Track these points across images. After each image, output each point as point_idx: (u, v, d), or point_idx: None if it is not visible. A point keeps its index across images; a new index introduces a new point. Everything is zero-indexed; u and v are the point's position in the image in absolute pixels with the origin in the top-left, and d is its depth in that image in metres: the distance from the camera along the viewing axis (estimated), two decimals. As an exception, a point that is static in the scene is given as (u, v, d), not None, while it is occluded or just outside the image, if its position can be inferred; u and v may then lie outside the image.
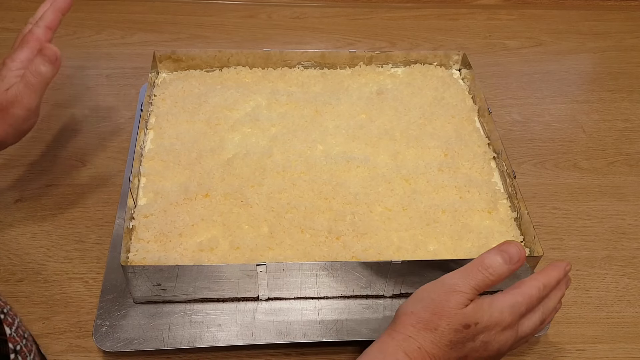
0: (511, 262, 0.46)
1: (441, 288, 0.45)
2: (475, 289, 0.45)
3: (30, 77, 0.56)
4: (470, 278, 0.45)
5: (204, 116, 0.71)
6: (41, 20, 0.59)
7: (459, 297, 0.44)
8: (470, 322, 0.44)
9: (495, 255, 0.46)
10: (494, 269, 0.45)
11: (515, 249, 0.46)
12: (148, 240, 0.58)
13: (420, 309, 0.45)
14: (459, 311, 0.44)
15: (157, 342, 0.54)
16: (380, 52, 0.80)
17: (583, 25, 1.02)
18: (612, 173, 0.77)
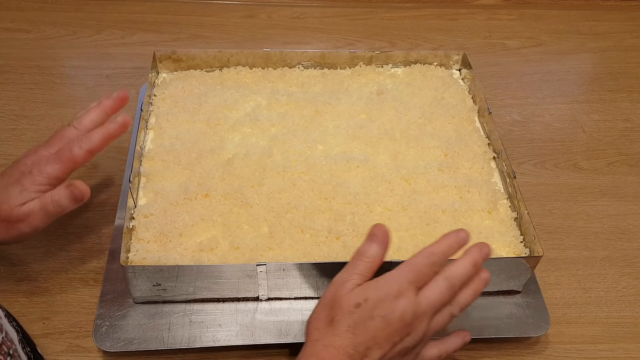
0: (378, 240, 0.47)
1: (331, 287, 0.47)
2: (360, 275, 0.46)
3: (49, 204, 0.52)
4: (352, 267, 0.47)
5: (204, 116, 0.71)
6: (87, 141, 0.54)
7: (347, 286, 0.46)
8: (360, 300, 0.45)
9: (365, 242, 0.48)
10: (368, 252, 0.47)
11: (377, 229, 0.48)
12: (148, 240, 0.58)
13: (318, 312, 0.46)
14: (346, 295, 0.45)
15: (157, 342, 0.54)
16: (380, 52, 0.80)
17: (583, 25, 1.02)
18: (612, 173, 0.77)
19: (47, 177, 0.53)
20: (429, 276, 0.47)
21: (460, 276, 0.47)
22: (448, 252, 0.48)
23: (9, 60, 0.88)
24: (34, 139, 0.75)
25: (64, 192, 0.53)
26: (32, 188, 0.52)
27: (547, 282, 0.64)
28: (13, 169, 0.54)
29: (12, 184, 0.53)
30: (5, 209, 0.52)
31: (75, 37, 0.94)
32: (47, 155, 0.54)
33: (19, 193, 0.52)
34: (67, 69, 0.87)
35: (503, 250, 0.60)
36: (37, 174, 0.53)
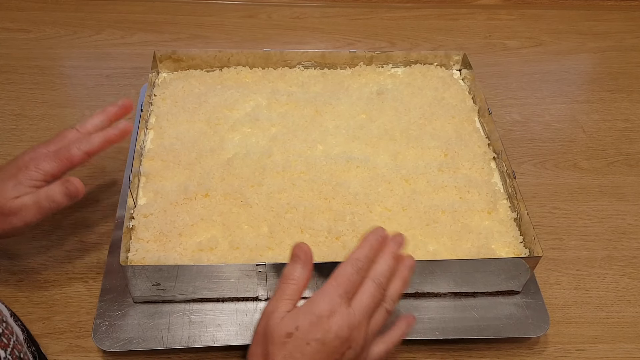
0: (301, 260, 0.46)
1: (262, 319, 0.45)
2: (288, 300, 0.45)
3: (42, 199, 0.52)
4: (278, 294, 0.45)
5: (204, 116, 0.71)
6: (86, 142, 0.55)
7: (275, 315, 0.44)
8: (291, 329, 0.43)
9: (289, 264, 0.47)
10: (293, 274, 0.46)
11: (298, 249, 0.47)
12: (148, 240, 0.58)
13: (254, 347, 0.45)
14: (276, 327, 0.43)
15: (156, 341, 0.54)
16: (380, 52, 0.80)
17: (583, 25, 1.02)
18: (612, 173, 0.77)
19: (42, 173, 0.53)
20: (357, 283, 0.46)
21: (385, 273, 0.47)
22: (371, 254, 0.48)
23: (9, 60, 0.88)
24: (34, 139, 0.75)
25: (58, 188, 0.53)
26: (26, 182, 0.53)
27: (547, 282, 0.64)
28: (11, 164, 0.55)
29: (8, 178, 0.53)
30: (0, 201, 0.52)
31: (75, 37, 0.94)
32: (46, 153, 0.55)
33: (14, 187, 0.52)
34: (67, 69, 0.87)
35: (503, 251, 0.60)
36: (33, 169, 0.53)
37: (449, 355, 0.57)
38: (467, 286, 0.59)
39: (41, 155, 0.54)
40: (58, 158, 0.54)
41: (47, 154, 0.54)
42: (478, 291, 0.59)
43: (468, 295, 0.59)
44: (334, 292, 0.45)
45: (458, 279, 0.58)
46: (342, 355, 0.44)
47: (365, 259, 0.47)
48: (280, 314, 0.44)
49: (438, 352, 0.57)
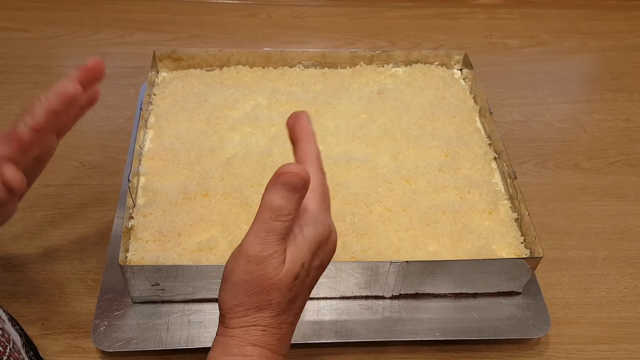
0: (296, 190, 0.38)
1: (249, 264, 0.39)
2: (280, 239, 0.38)
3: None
4: (268, 234, 0.38)
5: (204, 115, 0.71)
6: (29, 116, 0.46)
7: (272, 262, 0.38)
8: (297, 271, 0.38)
9: (278, 193, 0.38)
10: (286, 208, 0.38)
11: (295, 178, 0.38)
12: (147, 240, 0.58)
13: (242, 296, 0.39)
14: (280, 274, 0.38)
15: (155, 342, 0.54)
16: (381, 51, 0.80)
17: (584, 24, 1.02)
18: (613, 173, 0.76)
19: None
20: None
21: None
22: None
23: (7, 60, 0.87)
24: (33, 139, 0.75)
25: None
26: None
27: (548, 282, 0.63)
28: None
29: None
30: None
31: (75, 36, 0.93)
32: (15, 122, 0.46)
33: None
34: (67, 68, 0.87)
35: (503, 251, 0.60)
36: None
37: (449, 356, 0.57)
38: (467, 287, 0.58)
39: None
40: (7, 139, 0.46)
41: (13, 124, 0.46)
42: (479, 292, 0.59)
43: (468, 295, 0.59)
44: (325, 209, 0.41)
45: (458, 279, 0.57)
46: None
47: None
48: (277, 260, 0.38)
49: (438, 353, 0.57)
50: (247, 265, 0.39)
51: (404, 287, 0.58)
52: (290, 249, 0.39)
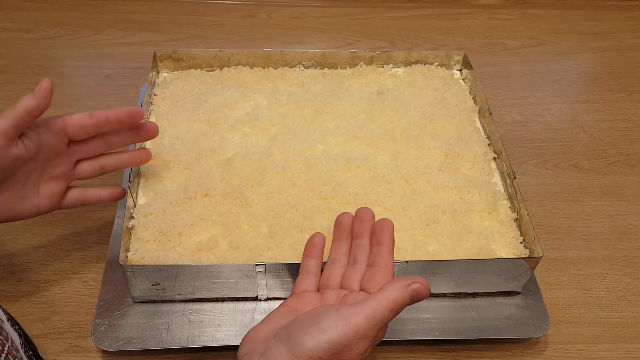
0: (415, 301, 0.42)
1: (345, 328, 0.40)
2: (378, 328, 0.41)
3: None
4: (375, 318, 0.41)
5: (204, 116, 0.71)
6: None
7: (364, 344, 0.40)
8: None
9: (404, 294, 0.42)
10: (400, 307, 0.42)
11: (424, 291, 0.42)
12: (147, 240, 0.58)
13: (324, 352, 0.40)
14: (362, 357, 0.41)
15: (155, 341, 0.54)
16: (381, 52, 0.80)
17: (583, 25, 1.02)
18: (612, 173, 0.76)
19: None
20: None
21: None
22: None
23: (8, 60, 0.88)
24: (33, 139, 0.75)
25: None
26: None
27: (548, 282, 0.63)
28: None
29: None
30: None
31: (75, 37, 0.94)
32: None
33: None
34: (67, 69, 0.87)
35: (503, 251, 0.60)
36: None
37: (449, 356, 0.57)
38: (467, 286, 0.59)
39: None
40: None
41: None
42: (478, 291, 0.59)
43: (468, 295, 0.59)
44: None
45: (458, 279, 0.58)
46: None
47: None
48: (367, 343, 0.41)
49: (438, 353, 0.57)
50: (342, 326, 0.40)
51: (403, 287, 0.58)
52: (373, 343, 0.42)
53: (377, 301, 0.41)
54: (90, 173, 0.57)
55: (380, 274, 0.48)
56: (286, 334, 0.41)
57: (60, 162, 0.54)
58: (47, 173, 0.53)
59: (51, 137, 0.52)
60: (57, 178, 0.54)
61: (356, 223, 0.53)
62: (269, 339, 0.42)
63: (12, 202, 0.51)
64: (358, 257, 0.51)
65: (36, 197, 0.53)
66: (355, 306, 0.41)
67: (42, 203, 0.53)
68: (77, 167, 0.56)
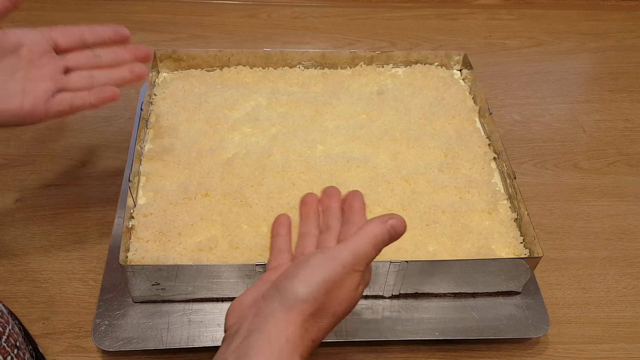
0: (394, 238, 0.44)
1: (333, 264, 0.41)
2: (364, 263, 0.43)
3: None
4: (360, 252, 0.42)
5: (204, 116, 0.71)
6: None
7: (354, 278, 0.42)
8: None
9: (383, 229, 0.43)
10: (381, 243, 0.43)
11: (401, 226, 0.44)
12: (147, 240, 0.58)
13: (317, 292, 0.40)
14: (354, 293, 0.42)
15: (155, 341, 0.54)
16: (381, 52, 0.80)
17: (583, 25, 1.02)
18: (612, 173, 0.76)
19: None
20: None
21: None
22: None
23: (9, 60, 0.87)
24: (33, 139, 0.75)
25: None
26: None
27: (548, 282, 0.63)
28: None
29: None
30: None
31: (76, 36, 0.93)
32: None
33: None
34: (67, 68, 0.87)
35: (503, 251, 0.60)
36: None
37: (449, 356, 0.57)
38: (467, 287, 0.59)
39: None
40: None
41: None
42: (478, 291, 0.59)
43: (468, 295, 0.59)
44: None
45: (458, 279, 0.58)
46: None
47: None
48: (358, 278, 0.43)
49: (438, 353, 0.57)
50: (332, 264, 0.41)
51: (403, 287, 0.58)
52: (364, 278, 0.44)
53: (359, 237, 0.43)
54: (80, 82, 0.54)
55: (356, 228, 0.45)
56: (275, 289, 0.41)
57: (47, 62, 0.53)
58: (33, 72, 0.52)
59: (36, 35, 0.52)
60: (44, 78, 0.52)
61: (324, 197, 0.51)
62: (256, 302, 0.42)
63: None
64: (330, 224, 0.48)
65: (20, 94, 0.51)
66: (338, 245, 0.43)
67: (26, 101, 0.51)
68: (67, 75, 0.54)
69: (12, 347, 0.42)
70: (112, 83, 0.55)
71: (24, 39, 0.52)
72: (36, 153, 0.74)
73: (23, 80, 0.51)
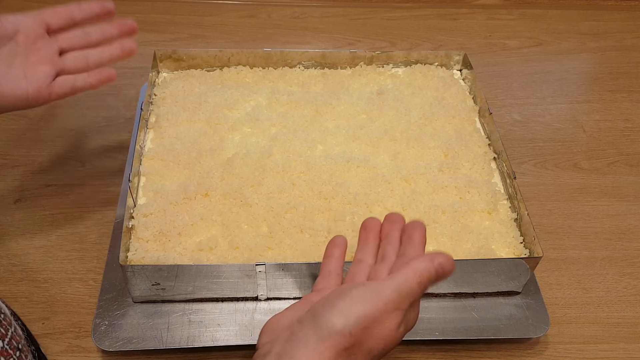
0: (442, 277, 0.42)
1: (375, 299, 0.39)
2: (408, 302, 0.41)
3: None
4: (404, 290, 0.40)
5: (204, 115, 0.71)
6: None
7: (395, 317, 0.40)
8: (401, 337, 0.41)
9: (430, 267, 0.41)
10: (427, 281, 0.41)
11: (449, 265, 0.42)
12: (147, 240, 0.58)
13: (354, 326, 0.38)
14: (394, 333, 0.40)
15: (155, 341, 0.54)
16: (381, 52, 0.80)
17: (583, 25, 1.02)
18: (612, 173, 0.76)
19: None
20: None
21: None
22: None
23: (9, 60, 0.87)
24: (33, 139, 0.75)
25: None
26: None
27: (548, 282, 0.63)
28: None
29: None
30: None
31: (76, 36, 0.93)
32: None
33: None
34: (67, 68, 0.87)
35: (503, 251, 0.60)
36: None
37: (449, 356, 0.57)
38: (467, 286, 0.59)
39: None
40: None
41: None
42: (478, 291, 0.59)
43: (468, 295, 0.59)
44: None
45: (458, 279, 0.58)
46: None
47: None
48: (400, 317, 0.41)
49: (438, 353, 0.57)
50: (375, 300, 0.39)
51: (403, 287, 0.58)
52: (406, 320, 0.41)
53: (404, 274, 0.41)
54: (76, 63, 0.56)
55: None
56: (312, 316, 0.39)
57: (43, 46, 0.54)
58: (31, 57, 0.53)
59: (29, 20, 0.53)
60: (42, 62, 0.54)
61: (385, 224, 0.50)
62: (292, 324, 0.41)
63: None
64: (387, 254, 0.47)
65: (23, 80, 0.53)
66: (383, 280, 0.41)
67: (30, 86, 0.53)
68: (62, 57, 0.56)
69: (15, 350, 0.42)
70: (106, 61, 0.57)
71: (19, 25, 0.53)
72: (36, 153, 0.74)
73: (23, 66, 0.53)
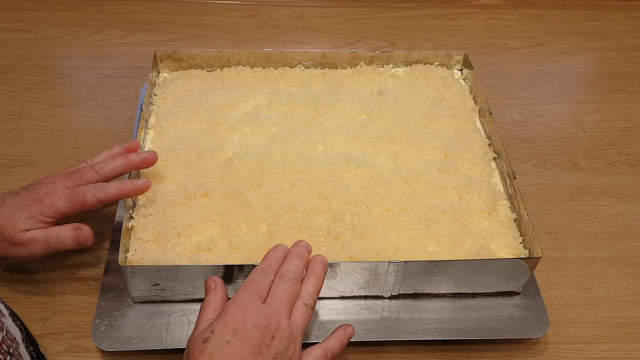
0: (216, 289, 0.50)
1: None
2: (207, 320, 0.47)
3: (52, 238, 0.54)
4: (197, 323, 0.48)
5: (204, 116, 0.71)
6: (101, 191, 0.55)
7: (193, 335, 0.46)
8: (207, 335, 0.45)
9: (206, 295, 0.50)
10: (209, 301, 0.49)
11: (210, 281, 0.50)
12: (147, 240, 0.58)
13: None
14: (195, 339, 0.45)
15: (155, 341, 0.54)
16: (381, 52, 0.80)
17: (583, 25, 1.02)
18: (612, 173, 0.76)
19: (54, 211, 0.54)
20: (267, 286, 0.48)
21: (293, 269, 0.50)
22: (275, 262, 0.50)
23: (8, 60, 0.88)
24: (33, 139, 0.75)
25: (69, 233, 0.55)
26: (38, 217, 0.54)
27: (548, 282, 0.63)
28: (27, 192, 0.55)
29: (22, 207, 0.54)
30: (10, 231, 0.53)
31: (75, 37, 0.94)
32: (62, 189, 0.55)
33: (25, 219, 0.53)
34: (67, 69, 0.87)
35: (502, 251, 0.60)
36: (47, 205, 0.54)
37: (448, 356, 0.57)
38: (466, 287, 0.59)
39: (57, 191, 0.55)
40: (72, 200, 0.55)
41: (62, 191, 0.55)
42: (477, 292, 0.59)
43: (467, 296, 0.59)
44: (243, 294, 0.47)
45: (457, 279, 0.58)
46: (269, 347, 0.44)
47: (270, 266, 0.50)
48: (197, 332, 0.46)
49: (438, 353, 0.57)
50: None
51: (403, 287, 0.58)
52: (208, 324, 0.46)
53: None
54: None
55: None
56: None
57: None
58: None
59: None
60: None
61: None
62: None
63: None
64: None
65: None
66: None
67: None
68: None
69: (5, 354, 0.42)
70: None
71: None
72: (36, 153, 0.74)
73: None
